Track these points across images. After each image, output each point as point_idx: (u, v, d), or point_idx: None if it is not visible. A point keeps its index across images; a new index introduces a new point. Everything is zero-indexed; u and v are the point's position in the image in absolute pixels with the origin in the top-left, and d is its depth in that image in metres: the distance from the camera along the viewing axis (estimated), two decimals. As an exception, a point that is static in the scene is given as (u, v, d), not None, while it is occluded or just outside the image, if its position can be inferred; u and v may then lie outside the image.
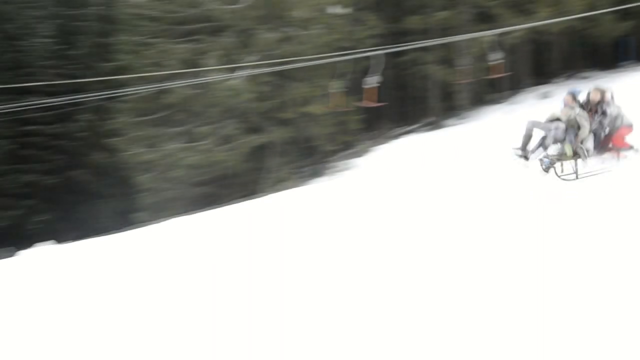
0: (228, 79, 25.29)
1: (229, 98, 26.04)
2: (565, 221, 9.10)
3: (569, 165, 12.70)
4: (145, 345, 6.93)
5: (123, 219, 28.10)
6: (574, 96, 12.87)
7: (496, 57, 21.27)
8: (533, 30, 24.56)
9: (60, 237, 24.74)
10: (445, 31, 25.13)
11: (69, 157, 32.95)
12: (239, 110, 26.45)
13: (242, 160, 26.54)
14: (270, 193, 22.08)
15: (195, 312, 7.71)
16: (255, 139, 26.56)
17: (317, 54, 23.02)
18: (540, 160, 12.67)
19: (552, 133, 12.55)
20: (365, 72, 22.16)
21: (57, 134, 32.97)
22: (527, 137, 12.86)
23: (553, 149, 12.74)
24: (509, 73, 22.72)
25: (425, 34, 25.55)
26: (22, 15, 34.90)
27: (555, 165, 12.75)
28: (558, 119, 12.63)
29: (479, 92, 27.75)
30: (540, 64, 28.77)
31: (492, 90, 27.46)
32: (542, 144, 12.73)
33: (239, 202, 20.74)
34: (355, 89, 22.84)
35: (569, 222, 9.05)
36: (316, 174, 26.05)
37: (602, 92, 12.80)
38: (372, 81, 23.04)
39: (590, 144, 12.64)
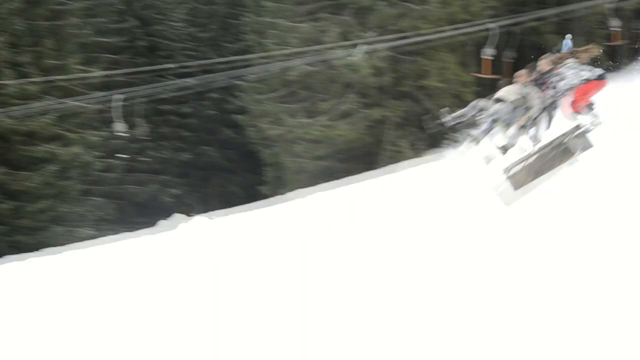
0: (348, 55, 26.03)
1: (348, 74, 26.79)
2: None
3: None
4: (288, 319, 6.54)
5: (249, 192, 29.63)
6: (530, 70, 11.71)
7: (616, 25, 20.91)
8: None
9: (191, 210, 26.50)
10: (561, 2, 24.74)
11: (199, 135, 34.83)
12: (358, 85, 27.14)
13: (361, 134, 27.25)
14: (390, 165, 22.66)
15: (334, 289, 7.34)
16: (374, 113, 27.19)
17: (433, 27, 23.37)
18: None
19: (493, 115, 11.45)
20: (482, 45, 22.37)
21: (188, 113, 34.89)
22: (460, 117, 11.81)
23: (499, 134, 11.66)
24: (627, 41, 22.23)
25: (542, 3, 25.27)
26: (158, 1, 37.03)
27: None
28: (500, 99, 11.51)
29: (597, 60, 27.04)
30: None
31: (610, 58, 26.76)
32: (490, 127, 11.60)
33: (361, 175, 21.32)
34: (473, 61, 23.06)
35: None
36: (434, 146, 26.37)
37: (555, 59, 11.57)
38: (488, 53, 23.21)
39: (541, 128, 11.50)
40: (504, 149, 11.59)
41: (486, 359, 5.35)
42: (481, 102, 11.85)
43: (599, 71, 11.36)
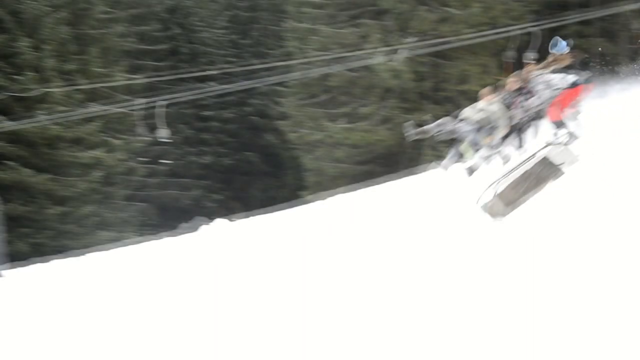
0: (389, 61, 26.05)
1: (388, 79, 26.81)
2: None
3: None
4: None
5: (290, 196, 29.79)
6: (494, 89, 11.33)
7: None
8: None
9: (233, 214, 26.69)
10: (605, 4, 24.44)
11: (241, 140, 35.16)
12: (398, 90, 27.14)
13: (402, 139, 27.19)
14: (429, 170, 22.62)
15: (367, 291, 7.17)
16: (415, 118, 27.11)
17: (473, 32, 23.23)
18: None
19: (454, 134, 11.16)
20: (523, 49, 22.13)
21: (230, 118, 35.24)
22: (422, 132, 11.61)
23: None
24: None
25: (585, 7, 24.95)
26: (201, 9, 37.55)
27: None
28: (465, 119, 11.10)
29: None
30: None
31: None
32: (457, 153, 11.33)
33: (400, 179, 21.34)
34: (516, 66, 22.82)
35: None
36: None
37: (524, 76, 11.18)
38: (530, 57, 22.94)
39: (511, 146, 11.02)
40: (470, 170, 11.27)
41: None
42: (446, 120, 11.68)
43: (572, 78, 10.79)
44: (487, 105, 11.24)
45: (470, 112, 11.34)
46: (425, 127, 11.77)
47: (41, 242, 25.95)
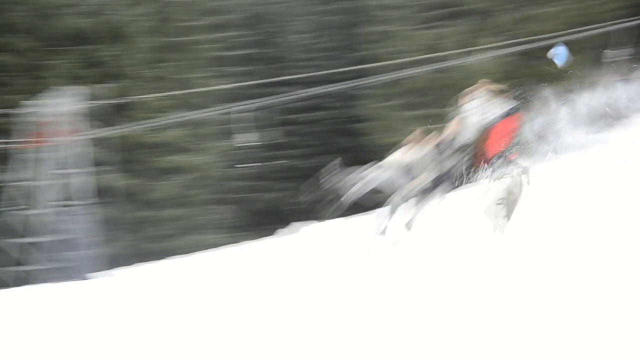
0: (468, 62, 26.01)
1: (469, 80, 26.71)
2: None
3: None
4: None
5: (370, 200, 29.94)
6: (426, 131, 10.46)
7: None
8: None
9: (312, 217, 27.06)
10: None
11: (320, 143, 35.54)
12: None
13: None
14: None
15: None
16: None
17: (555, 31, 23.02)
18: None
19: (370, 183, 10.35)
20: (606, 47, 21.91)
21: (311, 122, 35.68)
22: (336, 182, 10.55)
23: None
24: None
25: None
26: (280, 15, 38.14)
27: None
28: (383, 166, 10.35)
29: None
30: None
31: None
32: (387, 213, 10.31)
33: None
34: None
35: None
36: (559, 149, 25.93)
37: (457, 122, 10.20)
38: (613, 55, 22.67)
39: (433, 199, 10.05)
40: (409, 226, 10.36)
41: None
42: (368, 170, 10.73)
43: (503, 108, 10.06)
44: (415, 153, 10.41)
45: (392, 159, 10.60)
46: (346, 177, 10.77)
47: (135, 245, 26.88)
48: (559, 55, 11.01)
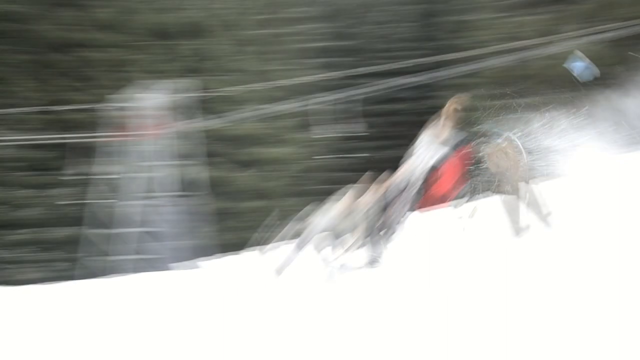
0: (552, 50, 25.40)
1: (552, 69, 26.11)
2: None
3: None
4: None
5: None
6: (374, 176, 9.76)
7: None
8: None
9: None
10: None
11: (399, 135, 35.30)
12: (558, 79, 26.37)
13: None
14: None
15: None
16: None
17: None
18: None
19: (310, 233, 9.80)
20: None
21: (390, 113, 35.54)
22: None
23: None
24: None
25: None
26: (360, 6, 38.12)
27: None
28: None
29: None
30: None
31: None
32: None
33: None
34: None
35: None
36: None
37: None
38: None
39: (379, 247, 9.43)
40: (372, 263, 9.57)
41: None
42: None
43: (444, 151, 9.27)
44: (361, 199, 9.92)
45: (336, 208, 10.06)
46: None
47: (218, 237, 27.37)
48: (578, 67, 9.54)
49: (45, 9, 28.17)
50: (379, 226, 9.48)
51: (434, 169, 9.24)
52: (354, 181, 10.41)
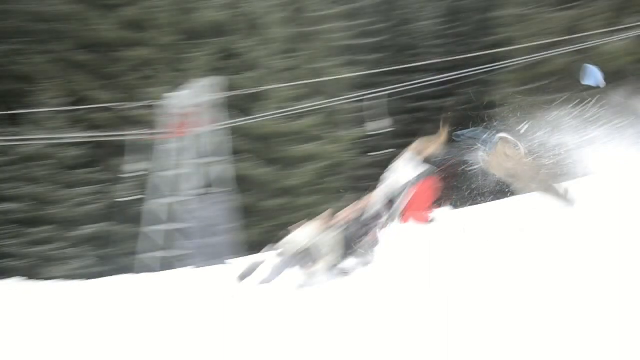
0: (608, 43, 25.02)
1: (609, 62, 25.70)
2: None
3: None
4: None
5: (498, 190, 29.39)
6: (335, 210, 9.79)
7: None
8: None
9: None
10: None
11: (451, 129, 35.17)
12: (622, 72, 25.96)
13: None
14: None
15: None
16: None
17: None
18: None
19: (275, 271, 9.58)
20: None
21: (442, 108, 35.34)
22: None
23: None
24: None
25: None
26: (411, 1, 38.00)
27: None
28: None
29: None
30: None
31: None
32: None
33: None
34: None
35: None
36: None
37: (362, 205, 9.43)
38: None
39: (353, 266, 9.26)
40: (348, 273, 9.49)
41: None
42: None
43: (416, 172, 9.32)
44: (319, 232, 9.75)
45: (295, 242, 9.84)
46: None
47: (271, 232, 27.65)
48: (588, 75, 9.53)
49: (74, 9, 28.50)
50: (356, 241, 9.51)
51: (413, 185, 9.35)
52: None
